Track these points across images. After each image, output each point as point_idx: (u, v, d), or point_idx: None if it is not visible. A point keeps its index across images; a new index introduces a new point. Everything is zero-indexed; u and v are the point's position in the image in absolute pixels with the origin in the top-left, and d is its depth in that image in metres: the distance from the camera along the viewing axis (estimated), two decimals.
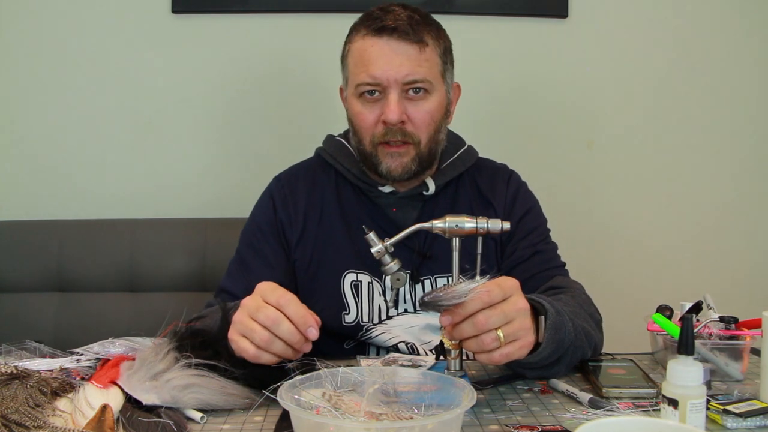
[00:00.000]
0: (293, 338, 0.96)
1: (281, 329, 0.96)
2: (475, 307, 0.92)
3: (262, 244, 1.35)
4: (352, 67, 1.28)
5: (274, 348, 0.97)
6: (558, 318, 1.04)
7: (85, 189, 1.95)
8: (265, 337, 0.96)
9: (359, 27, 1.28)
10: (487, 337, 0.93)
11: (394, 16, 1.25)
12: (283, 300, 0.97)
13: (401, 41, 1.24)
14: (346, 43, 1.31)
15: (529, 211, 1.38)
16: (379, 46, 1.24)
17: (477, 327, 0.92)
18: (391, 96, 1.24)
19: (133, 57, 1.94)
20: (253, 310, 0.98)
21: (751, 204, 2.09)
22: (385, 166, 1.28)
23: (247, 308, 0.99)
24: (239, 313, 1.00)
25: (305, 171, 1.41)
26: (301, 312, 0.97)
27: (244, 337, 0.98)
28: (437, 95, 1.28)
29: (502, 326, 0.93)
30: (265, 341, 0.96)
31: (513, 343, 0.94)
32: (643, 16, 2.03)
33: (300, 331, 0.96)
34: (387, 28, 1.24)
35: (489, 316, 0.92)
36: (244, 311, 0.99)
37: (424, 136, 1.28)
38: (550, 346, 1.03)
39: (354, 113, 1.29)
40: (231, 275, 1.35)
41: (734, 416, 0.91)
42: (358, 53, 1.27)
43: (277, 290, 0.99)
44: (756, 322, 1.14)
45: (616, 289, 1.96)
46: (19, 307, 1.73)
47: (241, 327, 0.99)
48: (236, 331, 1.00)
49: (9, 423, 0.83)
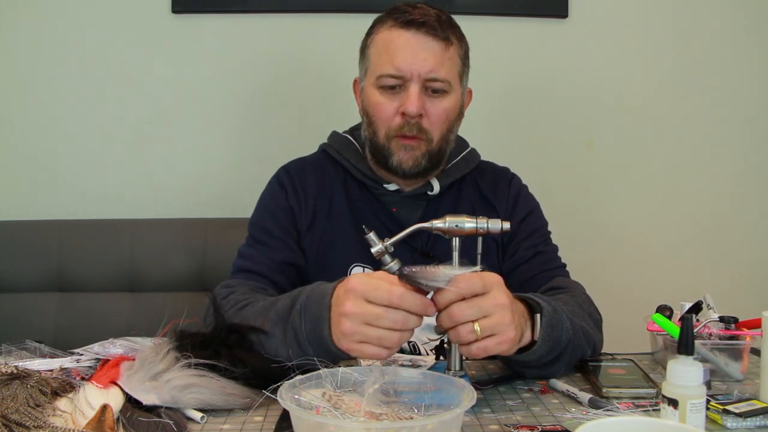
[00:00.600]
0: (419, 324, 0.95)
1: (410, 325, 0.94)
2: (450, 298, 0.93)
3: (275, 227, 1.34)
4: (375, 58, 1.29)
5: (404, 339, 0.95)
6: (554, 316, 1.04)
7: (85, 189, 1.95)
8: (395, 338, 0.94)
9: (385, 19, 1.29)
10: (462, 329, 0.93)
11: (422, 11, 1.27)
12: (395, 297, 0.93)
13: (428, 36, 1.25)
14: (369, 34, 1.32)
15: (530, 213, 1.39)
16: (406, 38, 1.25)
17: (452, 319, 0.93)
18: (411, 88, 1.25)
19: (133, 57, 1.94)
20: (368, 317, 0.93)
21: (750, 204, 2.09)
22: (396, 158, 1.28)
23: (359, 317, 0.94)
24: (350, 322, 0.95)
25: (312, 164, 1.41)
26: (418, 302, 0.93)
27: (366, 344, 0.95)
28: (454, 95, 1.29)
29: (478, 320, 0.93)
30: (397, 342, 0.94)
31: (491, 337, 0.94)
32: (643, 16, 2.03)
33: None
34: (415, 21, 1.25)
35: (463, 309, 0.92)
36: (355, 319, 0.94)
37: (437, 133, 1.28)
38: (546, 344, 1.03)
39: (371, 103, 1.29)
40: (248, 256, 1.32)
41: (734, 416, 0.91)
42: (383, 43, 1.27)
43: (378, 289, 0.94)
44: (756, 322, 1.14)
45: (616, 289, 1.96)
46: (19, 307, 1.73)
47: (359, 336, 0.95)
48: (353, 341, 0.96)
49: (9, 423, 0.83)
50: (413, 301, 0.93)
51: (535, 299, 1.04)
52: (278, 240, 1.32)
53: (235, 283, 1.27)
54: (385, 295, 0.93)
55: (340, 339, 0.98)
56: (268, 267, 1.30)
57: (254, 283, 1.27)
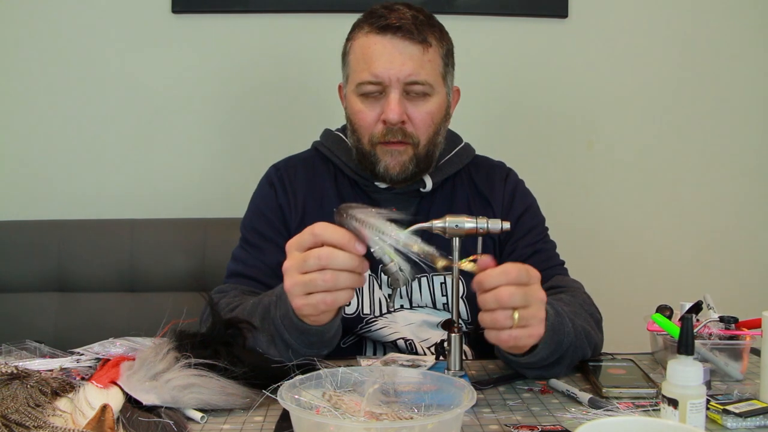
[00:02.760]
0: (353, 262, 0.93)
1: (338, 261, 0.93)
2: (500, 281, 0.93)
3: (267, 229, 1.34)
4: (354, 65, 1.28)
5: (342, 282, 0.94)
6: (557, 319, 1.04)
7: (85, 189, 1.95)
8: (328, 277, 0.93)
9: (362, 24, 1.27)
10: (502, 314, 0.93)
11: (398, 14, 1.24)
12: (316, 233, 0.94)
13: (405, 40, 1.23)
14: (348, 40, 1.30)
15: (527, 209, 1.38)
16: (382, 44, 1.23)
17: (498, 301, 0.92)
18: (392, 95, 1.23)
19: (133, 57, 1.94)
20: (299, 264, 0.94)
21: (751, 204, 2.09)
22: (383, 165, 1.27)
23: (293, 268, 0.95)
24: (287, 279, 0.97)
25: (303, 162, 1.41)
26: (337, 233, 0.93)
27: (310, 294, 0.95)
28: (438, 97, 1.27)
29: (519, 308, 0.93)
30: (331, 280, 0.93)
31: (524, 328, 0.95)
32: (643, 16, 2.03)
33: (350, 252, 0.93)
34: (391, 26, 1.23)
35: (513, 293, 0.92)
36: (290, 272, 0.96)
37: (423, 137, 1.27)
38: (548, 347, 1.03)
39: (354, 111, 1.29)
40: (241, 259, 1.33)
41: (734, 416, 0.91)
42: (361, 50, 1.26)
43: (302, 235, 0.96)
44: (756, 322, 1.14)
45: (616, 289, 1.97)
46: (19, 307, 1.73)
47: (300, 287, 0.95)
48: (297, 295, 0.96)
49: (9, 423, 0.83)
50: (332, 233, 0.93)
51: None
52: (270, 242, 1.32)
53: (227, 287, 1.28)
54: (307, 235, 0.94)
55: (292, 301, 0.98)
56: (261, 271, 1.29)
57: (246, 288, 1.27)
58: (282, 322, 1.05)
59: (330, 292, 0.95)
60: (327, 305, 0.97)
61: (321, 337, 1.06)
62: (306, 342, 1.05)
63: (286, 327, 1.05)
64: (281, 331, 1.05)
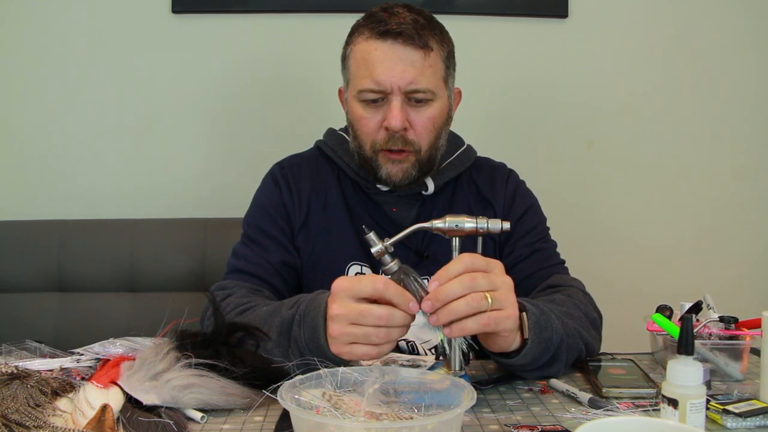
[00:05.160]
0: (407, 321, 0.96)
1: (395, 320, 0.95)
2: (459, 269, 0.94)
3: (270, 226, 1.33)
4: (355, 71, 1.26)
5: (393, 336, 0.96)
6: (542, 317, 1.04)
7: (85, 188, 1.95)
8: (382, 334, 0.95)
9: (362, 29, 1.25)
10: (475, 296, 0.93)
11: (398, 19, 1.22)
12: (379, 289, 0.95)
13: (406, 46, 1.21)
14: (348, 44, 1.29)
15: (528, 209, 1.38)
16: (383, 50, 1.22)
17: (464, 285, 0.93)
18: (393, 102, 1.22)
19: (133, 57, 1.94)
20: (355, 316, 0.95)
21: (751, 204, 2.09)
22: (385, 171, 1.27)
23: (345, 318, 0.96)
24: (335, 326, 0.97)
25: (307, 160, 1.40)
26: (398, 292, 0.95)
27: (356, 345, 0.96)
28: (440, 101, 1.26)
29: (488, 291, 0.94)
30: (384, 338, 0.95)
31: (500, 311, 0.95)
32: (642, 16, 2.03)
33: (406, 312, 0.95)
34: (392, 32, 1.21)
35: (475, 277, 0.93)
36: (341, 321, 0.96)
37: (424, 143, 1.26)
38: (537, 346, 1.03)
39: (356, 118, 1.28)
40: (243, 256, 1.31)
41: (734, 416, 0.91)
42: (361, 56, 1.24)
43: (359, 283, 0.96)
44: (756, 322, 1.14)
45: (616, 288, 1.96)
46: (19, 307, 1.73)
47: (349, 337, 0.96)
48: (343, 343, 0.97)
49: (9, 423, 0.83)
50: (395, 291, 0.94)
51: (520, 301, 1.04)
52: (273, 240, 1.32)
53: (230, 284, 1.26)
54: (368, 287, 0.95)
55: (331, 343, 0.99)
56: (264, 268, 1.29)
57: (249, 285, 1.26)
58: (308, 345, 1.03)
59: (377, 346, 0.96)
60: (370, 356, 0.98)
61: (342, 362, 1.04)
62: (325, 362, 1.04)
63: (312, 351, 1.03)
64: (304, 353, 1.03)
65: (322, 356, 1.01)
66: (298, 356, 1.04)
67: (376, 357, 0.98)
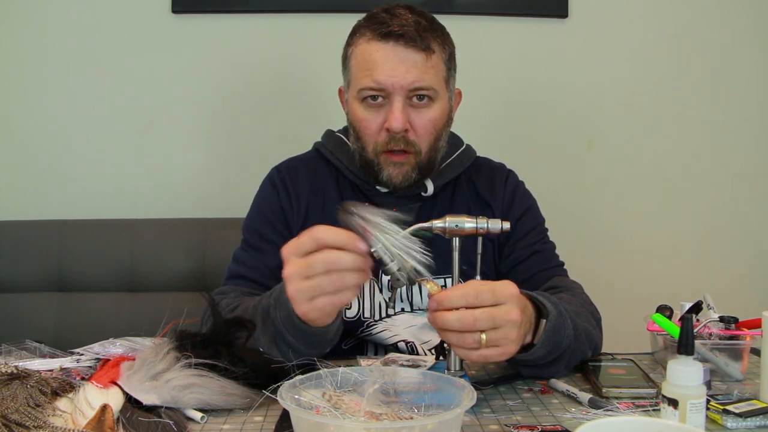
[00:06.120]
0: (358, 262, 0.91)
1: (344, 262, 0.91)
2: (459, 303, 0.91)
3: (268, 231, 1.33)
4: (356, 71, 1.26)
5: (348, 281, 0.92)
6: (559, 320, 1.04)
7: (85, 188, 1.95)
8: (336, 280, 0.91)
9: (363, 30, 1.25)
10: (469, 337, 0.91)
11: (400, 20, 1.22)
12: (317, 237, 0.91)
13: (408, 48, 1.21)
14: (349, 44, 1.29)
15: (527, 210, 1.37)
16: (385, 51, 1.22)
17: (463, 324, 0.91)
18: (395, 103, 1.22)
19: (133, 57, 1.94)
20: (302, 269, 0.92)
21: (750, 204, 2.09)
22: (386, 174, 1.27)
23: (295, 274, 0.93)
24: (290, 286, 0.94)
25: (305, 163, 1.40)
26: (340, 235, 0.91)
27: (315, 299, 0.94)
28: (441, 103, 1.26)
29: (486, 330, 0.91)
30: (339, 283, 0.92)
31: (493, 348, 0.93)
32: (642, 16, 2.03)
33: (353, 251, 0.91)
34: (393, 33, 1.21)
35: (477, 318, 0.91)
36: (293, 279, 0.94)
37: (425, 144, 1.26)
38: (545, 347, 1.03)
39: (357, 119, 1.28)
40: (242, 261, 1.32)
41: (734, 416, 0.91)
42: (362, 57, 1.24)
43: (300, 240, 0.93)
44: (756, 322, 1.14)
45: (616, 289, 1.96)
46: (19, 307, 1.73)
47: (306, 293, 0.93)
48: (302, 300, 0.95)
49: (9, 423, 0.83)
50: (337, 235, 0.91)
51: (543, 301, 1.04)
52: (272, 245, 1.31)
53: (228, 289, 1.28)
54: (309, 240, 0.92)
55: (295, 307, 0.97)
56: (262, 273, 1.29)
57: (247, 290, 1.27)
58: (284, 324, 1.04)
59: (336, 294, 0.94)
60: (334, 306, 0.96)
61: (323, 337, 1.06)
62: (308, 342, 1.05)
63: (288, 329, 1.04)
64: (283, 333, 1.05)
65: (297, 329, 1.02)
66: (281, 341, 1.05)
67: (339, 306, 0.95)
